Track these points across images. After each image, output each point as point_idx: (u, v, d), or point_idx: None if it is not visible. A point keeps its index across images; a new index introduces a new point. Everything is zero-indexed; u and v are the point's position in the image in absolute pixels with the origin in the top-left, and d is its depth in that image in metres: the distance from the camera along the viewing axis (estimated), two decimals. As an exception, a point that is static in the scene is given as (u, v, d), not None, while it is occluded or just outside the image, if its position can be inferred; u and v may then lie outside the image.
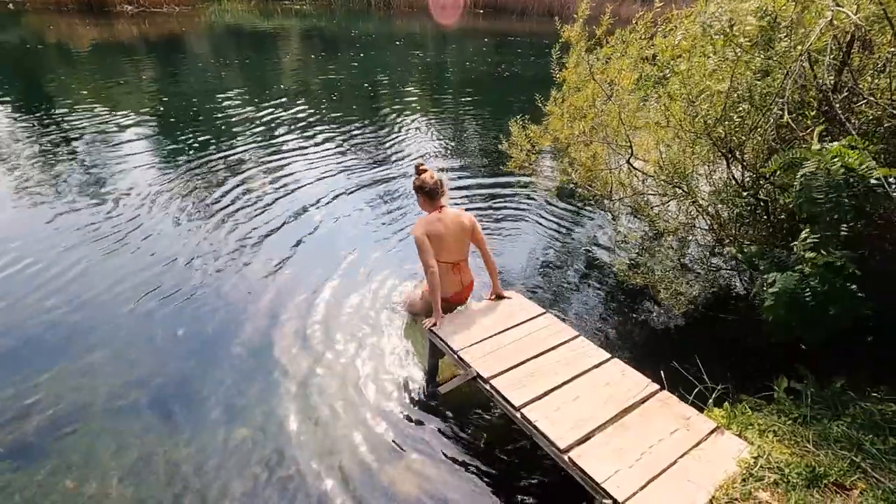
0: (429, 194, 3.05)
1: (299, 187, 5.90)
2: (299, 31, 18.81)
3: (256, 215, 5.15)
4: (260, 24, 19.50)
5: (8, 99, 8.62)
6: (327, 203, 5.51)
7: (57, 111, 8.18)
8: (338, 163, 6.67)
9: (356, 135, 7.94)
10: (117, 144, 6.89)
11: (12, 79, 10.14)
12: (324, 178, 6.20)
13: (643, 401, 2.46)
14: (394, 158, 7.06)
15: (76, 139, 6.98)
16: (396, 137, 8.01)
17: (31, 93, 9.34)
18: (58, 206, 5.13)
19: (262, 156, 6.78)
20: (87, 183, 5.71)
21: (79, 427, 2.79)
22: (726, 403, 2.57)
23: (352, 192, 5.83)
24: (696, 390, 2.64)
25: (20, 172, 5.85)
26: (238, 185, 5.85)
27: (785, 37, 3.04)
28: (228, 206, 5.32)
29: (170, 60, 12.90)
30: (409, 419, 2.94)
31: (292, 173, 6.27)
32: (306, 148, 7.17)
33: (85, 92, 9.38)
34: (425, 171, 3.09)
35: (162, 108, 8.69)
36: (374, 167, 6.63)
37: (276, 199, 5.59)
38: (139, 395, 3.01)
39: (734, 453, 2.15)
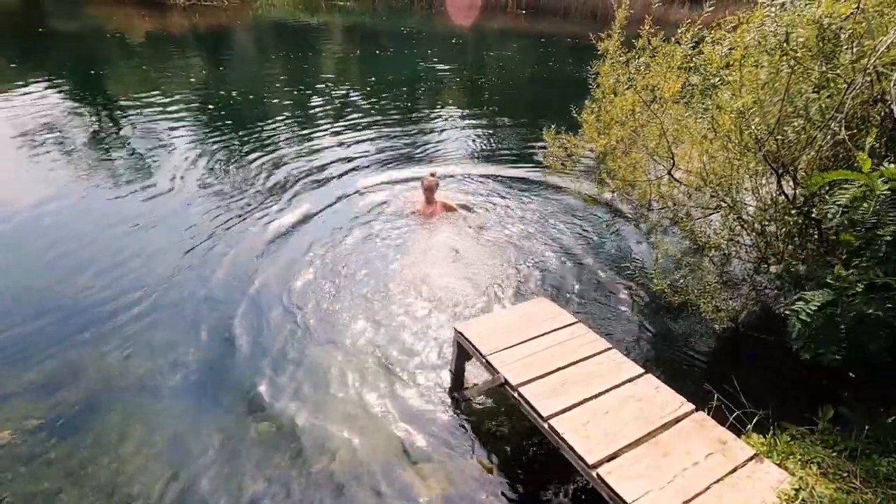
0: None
1: (336, 174, 6.09)
2: (346, 27, 19.11)
3: (294, 199, 5.31)
4: (307, 18, 19.90)
5: (68, 84, 9.08)
6: (366, 192, 5.62)
7: (111, 96, 8.61)
8: (392, 159, 6.76)
9: (417, 129, 8.08)
10: (164, 128, 7.18)
11: (73, 65, 10.68)
12: (365, 167, 6.36)
13: (677, 420, 2.38)
14: (440, 151, 7.20)
15: (127, 122, 7.32)
16: (442, 133, 8.15)
17: (89, 79, 9.82)
18: (106, 184, 5.40)
19: (304, 140, 6.98)
20: (135, 164, 5.99)
21: (115, 405, 2.92)
22: (767, 430, 2.46)
23: (392, 182, 5.96)
24: (735, 415, 2.54)
25: (75, 150, 6.18)
26: (276, 169, 6.05)
27: (847, 49, 2.88)
28: (267, 189, 5.49)
29: (217, 52, 13.34)
30: (433, 421, 2.94)
31: (331, 162, 6.42)
32: (349, 138, 7.30)
33: (137, 79, 9.81)
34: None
35: (207, 96, 9.00)
36: (417, 158, 6.68)
37: (313, 182, 5.78)
38: (173, 377, 3.13)
39: (773, 483, 2.05)
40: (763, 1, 3.10)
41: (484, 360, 2.79)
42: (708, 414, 2.44)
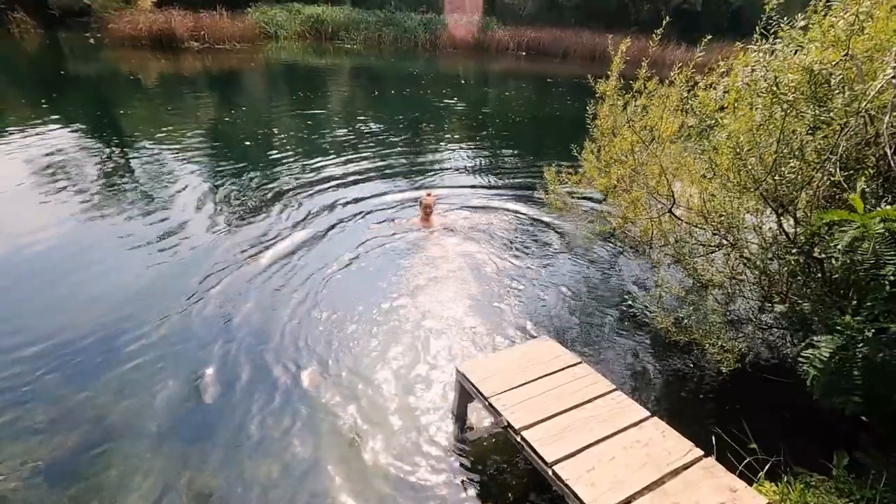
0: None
1: (343, 204, 6.21)
2: (354, 68, 19.75)
3: (300, 232, 5.36)
4: (315, 61, 20.61)
5: (83, 123, 9.39)
6: (365, 239, 5.62)
7: (125, 134, 8.87)
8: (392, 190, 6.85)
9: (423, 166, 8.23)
10: (175, 165, 7.36)
11: (88, 105, 11.07)
12: (371, 197, 6.46)
13: (685, 467, 2.31)
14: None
15: (139, 160, 7.51)
16: (449, 169, 8.34)
17: (103, 118, 10.16)
18: (115, 221, 5.47)
19: (305, 181, 7.06)
20: (145, 200, 6.08)
21: (110, 448, 2.86)
22: (779, 477, 2.38)
23: (397, 211, 5.98)
24: (746, 462, 2.47)
25: (86, 187, 6.30)
26: (285, 202, 6.16)
27: (838, 93, 2.96)
28: (270, 228, 5.50)
29: (228, 93, 13.78)
30: (433, 465, 2.86)
31: (339, 197, 6.50)
32: (359, 172, 7.44)
33: (150, 118, 10.13)
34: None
35: (218, 134, 9.27)
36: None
37: (320, 214, 5.91)
38: (168, 419, 3.07)
39: (787, 536, 1.97)
40: (751, 47, 3.21)
41: (486, 403, 2.75)
42: (717, 460, 2.37)
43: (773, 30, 3.18)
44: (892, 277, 2.29)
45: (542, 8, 31.45)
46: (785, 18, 3.20)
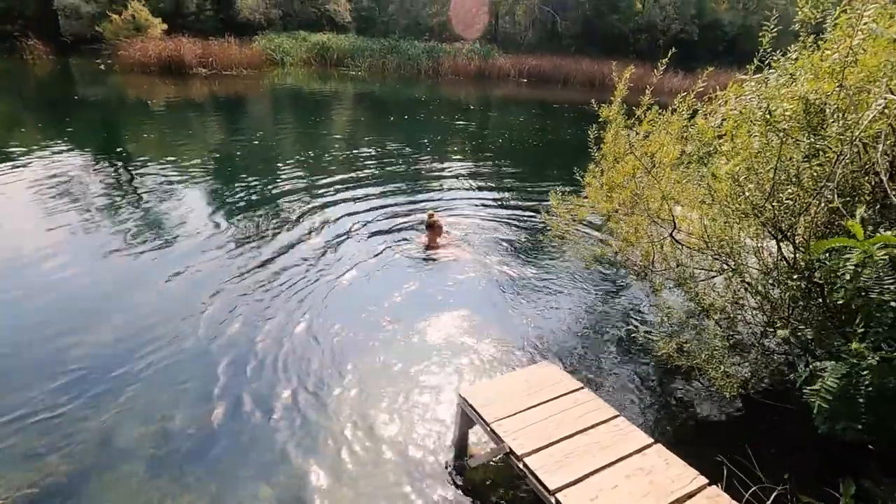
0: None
1: (348, 238, 6.18)
2: (359, 95, 20.15)
3: (300, 267, 5.33)
4: (320, 87, 21.04)
5: (94, 145, 9.59)
6: (371, 259, 5.65)
7: (134, 157, 9.03)
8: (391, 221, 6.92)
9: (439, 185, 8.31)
10: (180, 187, 7.47)
11: (96, 128, 11.30)
12: (371, 236, 6.45)
13: (689, 496, 2.28)
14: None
15: (144, 182, 7.61)
16: (453, 189, 8.43)
17: (114, 140, 10.37)
18: (119, 242, 5.51)
19: (311, 203, 7.14)
20: (149, 222, 6.14)
21: (108, 472, 2.83)
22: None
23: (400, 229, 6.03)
24: (752, 490, 2.43)
25: (91, 209, 6.39)
26: (290, 230, 6.17)
27: (833, 122, 3.02)
28: (280, 249, 5.54)
29: (233, 116, 14.06)
30: (432, 492, 2.82)
31: (344, 223, 6.53)
32: (368, 193, 7.58)
33: (156, 141, 10.33)
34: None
35: (220, 157, 9.43)
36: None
37: (325, 244, 5.88)
38: (167, 444, 3.04)
39: (795, 568, 1.93)
40: (745, 77, 3.30)
41: (488, 428, 2.72)
42: (721, 488, 2.33)
43: (767, 61, 3.27)
44: (895, 304, 2.29)
45: (542, 37, 32.30)
46: (778, 51, 3.30)
